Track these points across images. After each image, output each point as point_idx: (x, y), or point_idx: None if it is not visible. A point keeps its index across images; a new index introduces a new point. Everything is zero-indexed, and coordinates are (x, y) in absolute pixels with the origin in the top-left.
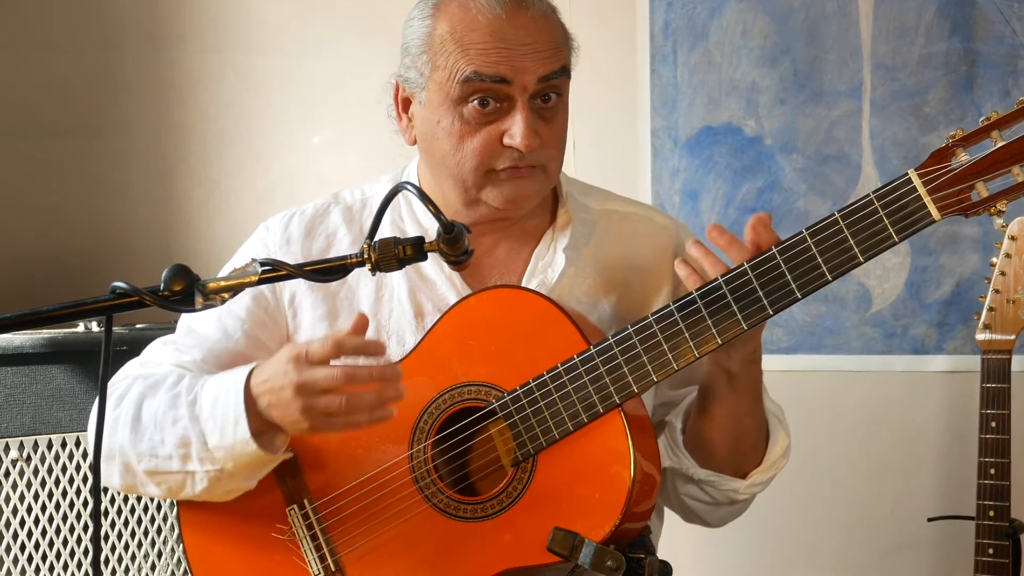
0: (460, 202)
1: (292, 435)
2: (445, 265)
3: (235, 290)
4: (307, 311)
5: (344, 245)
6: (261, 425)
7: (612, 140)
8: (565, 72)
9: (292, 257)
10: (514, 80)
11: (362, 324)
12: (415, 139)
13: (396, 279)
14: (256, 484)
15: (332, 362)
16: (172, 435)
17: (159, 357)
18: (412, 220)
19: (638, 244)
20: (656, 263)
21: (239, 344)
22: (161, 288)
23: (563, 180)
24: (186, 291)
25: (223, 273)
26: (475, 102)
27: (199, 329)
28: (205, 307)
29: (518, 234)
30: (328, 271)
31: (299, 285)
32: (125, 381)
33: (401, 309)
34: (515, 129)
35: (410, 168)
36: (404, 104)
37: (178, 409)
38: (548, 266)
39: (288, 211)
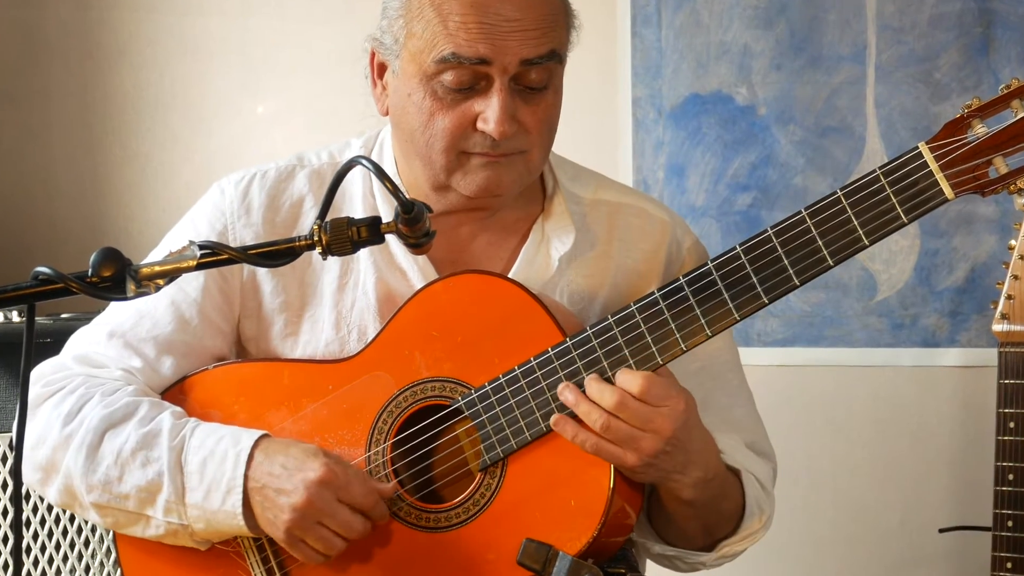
0: (429, 186)
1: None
2: (420, 256)
3: (171, 276)
4: (267, 295)
5: (311, 217)
6: (246, 499)
7: (588, 110)
8: (554, 57)
9: (252, 229)
10: (494, 60)
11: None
12: (388, 109)
13: (364, 265)
14: (208, 547)
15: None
16: (138, 476)
17: (102, 355)
18: (384, 195)
19: (629, 241)
20: (647, 263)
21: (196, 333)
22: (89, 274)
23: (554, 162)
24: (116, 277)
25: (162, 248)
26: (449, 77)
27: (150, 314)
28: (138, 295)
29: (499, 226)
30: (275, 255)
31: None
32: (67, 379)
33: (365, 300)
34: (489, 113)
35: (384, 134)
36: (379, 70)
37: (154, 450)
38: (539, 272)
39: (245, 172)
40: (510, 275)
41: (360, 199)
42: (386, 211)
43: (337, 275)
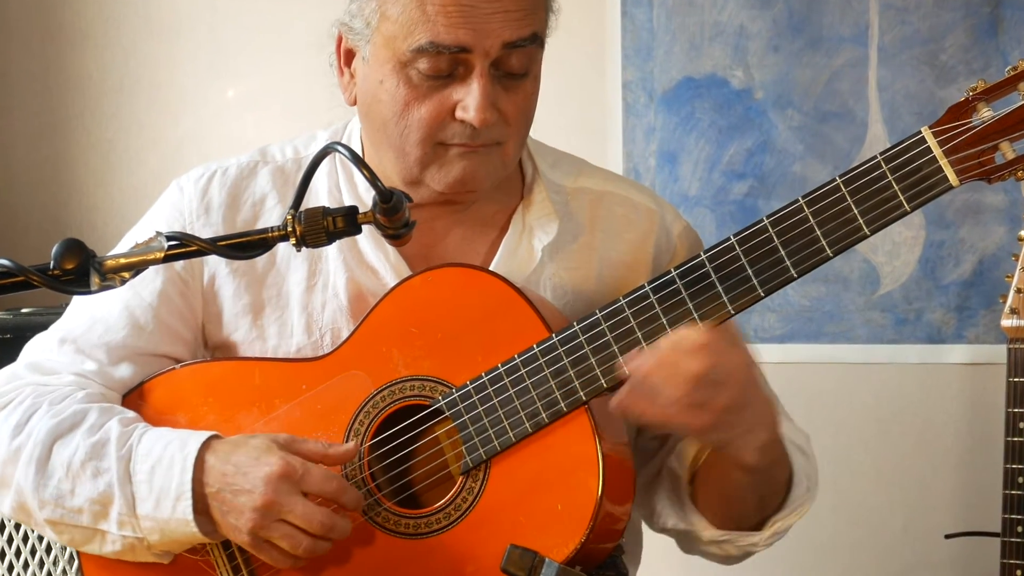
0: (400, 179)
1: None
2: (391, 252)
3: (137, 269)
4: (228, 299)
5: (274, 216)
6: (202, 505)
7: (575, 95)
8: (536, 40)
9: (211, 229)
10: (475, 47)
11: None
12: (355, 99)
13: (333, 265)
14: (172, 559)
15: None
16: (90, 488)
17: (54, 361)
18: (351, 189)
19: (613, 232)
20: (633, 254)
21: (152, 339)
22: (51, 266)
23: (532, 148)
24: (79, 270)
25: (123, 247)
26: (425, 64)
27: (103, 319)
28: (102, 288)
29: (475, 219)
30: (246, 246)
31: (220, 265)
32: (17, 391)
33: (336, 302)
34: (470, 100)
35: (352, 126)
36: (347, 57)
37: (103, 460)
38: (521, 264)
39: (205, 168)
40: (491, 268)
41: (325, 195)
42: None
43: (304, 276)
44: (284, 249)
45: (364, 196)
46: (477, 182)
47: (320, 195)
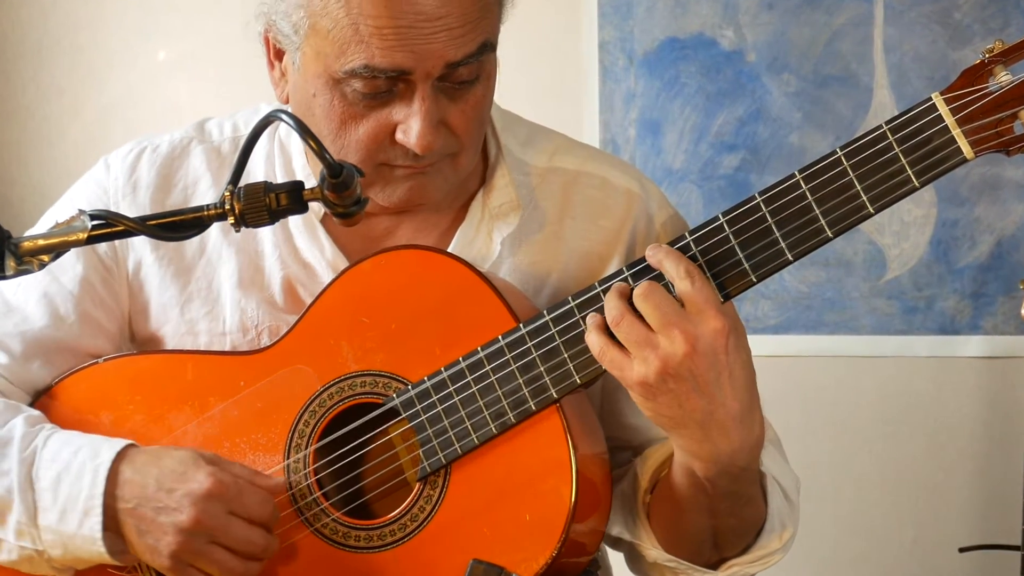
0: None
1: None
2: (328, 246)
3: (57, 251)
4: (155, 289)
5: (207, 201)
6: (113, 523)
7: (547, 58)
8: (486, 49)
9: (138, 210)
10: (415, 69)
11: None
12: (287, 98)
13: (269, 260)
14: None
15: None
16: None
17: None
18: (287, 175)
19: (586, 218)
20: (606, 244)
21: (72, 330)
22: None
23: (500, 123)
24: None
25: (42, 227)
26: (361, 84)
27: (19, 308)
28: (18, 273)
29: (426, 212)
30: (179, 226)
31: (146, 252)
32: None
33: (270, 300)
34: (411, 123)
35: None
36: (277, 53)
37: (3, 462)
38: (480, 256)
39: (136, 143)
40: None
41: (262, 176)
42: None
43: (236, 269)
44: (216, 238)
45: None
46: (426, 197)
47: (256, 177)
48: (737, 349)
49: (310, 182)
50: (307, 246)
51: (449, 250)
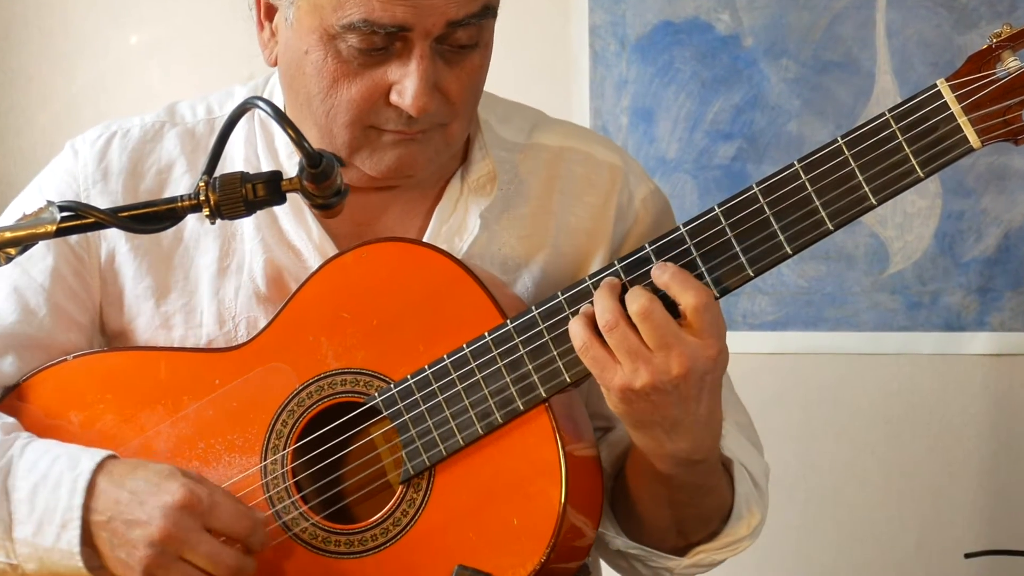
0: None
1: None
2: (316, 229)
3: (25, 244)
4: (128, 280)
5: (182, 186)
6: (90, 536)
7: (536, 42)
8: (487, 13)
9: (109, 197)
10: (415, 25)
11: None
12: (276, 60)
13: (249, 245)
14: None
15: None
16: None
17: None
18: (271, 157)
19: (572, 194)
20: (594, 220)
21: (44, 325)
22: None
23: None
24: None
25: (8, 219)
26: (357, 39)
27: None
28: None
29: (413, 192)
30: (152, 218)
31: (120, 241)
32: None
33: (252, 286)
34: (407, 84)
35: (275, 80)
36: (268, 10)
37: None
38: (456, 232)
39: (105, 128)
40: (424, 240)
41: (242, 163)
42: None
43: (216, 257)
44: (193, 225)
45: (287, 165)
46: (415, 168)
47: (236, 163)
48: (723, 365)
49: (294, 160)
50: (293, 228)
51: (428, 230)
